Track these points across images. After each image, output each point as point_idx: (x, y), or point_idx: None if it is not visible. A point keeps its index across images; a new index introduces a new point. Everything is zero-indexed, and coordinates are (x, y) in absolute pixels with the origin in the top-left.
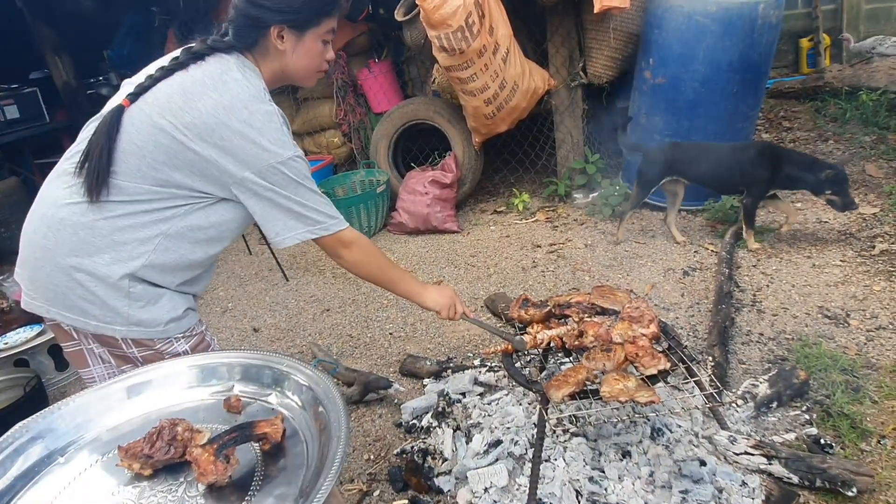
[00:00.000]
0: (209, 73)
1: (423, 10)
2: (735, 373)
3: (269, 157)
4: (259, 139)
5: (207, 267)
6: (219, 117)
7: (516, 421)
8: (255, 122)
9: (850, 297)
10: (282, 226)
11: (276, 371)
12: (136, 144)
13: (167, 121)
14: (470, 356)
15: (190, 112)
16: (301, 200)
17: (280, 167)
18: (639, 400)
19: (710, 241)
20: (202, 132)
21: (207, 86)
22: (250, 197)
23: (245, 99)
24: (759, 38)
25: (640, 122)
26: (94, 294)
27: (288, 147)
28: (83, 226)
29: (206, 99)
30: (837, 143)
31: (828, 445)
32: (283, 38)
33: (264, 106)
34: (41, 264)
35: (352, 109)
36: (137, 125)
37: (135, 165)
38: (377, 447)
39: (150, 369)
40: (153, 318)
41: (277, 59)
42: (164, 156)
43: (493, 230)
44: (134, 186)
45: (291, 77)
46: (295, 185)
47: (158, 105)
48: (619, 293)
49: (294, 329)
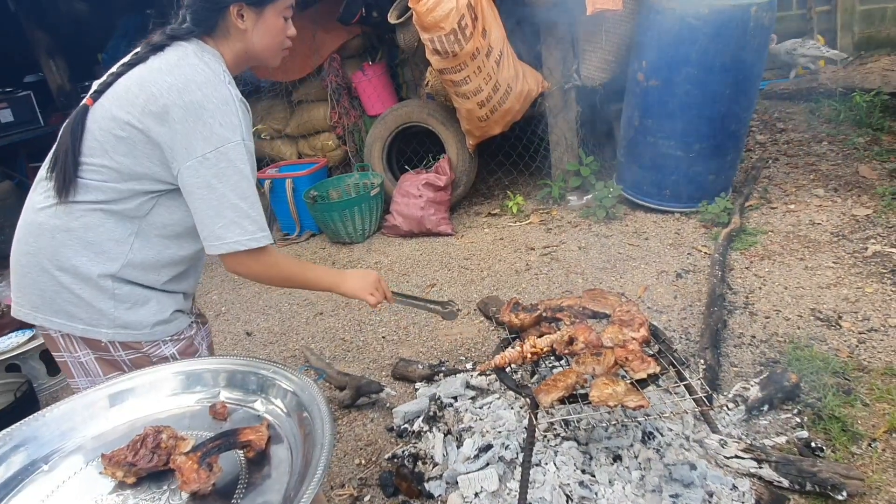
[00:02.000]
0: (166, 61)
1: (416, 13)
2: (727, 375)
3: (217, 139)
4: (210, 120)
5: (192, 263)
6: (171, 98)
7: (508, 425)
8: (208, 103)
9: (842, 300)
10: (209, 231)
11: (262, 377)
12: (98, 140)
13: (124, 111)
14: (462, 360)
15: (144, 97)
16: (237, 200)
17: (228, 152)
18: (628, 404)
19: (704, 243)
20: (156, 115)
21: (163, 71)
22: (188, 192)
23: (199, 81)
24: (752, 40)
25: (633, 124)
26: (80, 297)
27: (238, 132)
28: (59, 228)
29: (159, 83)
30: (831, 145)
31: (818, 449)
32: (244, 17)
33: (220, 88)
34: (27, 270)
35: (346, 112)
36: (99, 121)
37: (98, 162)
38: (368, 452)
39: (134, 376)
40: (139, 320)
41: (239, 39)
42: (123, 147)
43: (486, 233)
44: (98, 184)
45: (256, 56)
46: (239, 177)
47: (117, 98)
48: (610, 297)
49: (287, 333)
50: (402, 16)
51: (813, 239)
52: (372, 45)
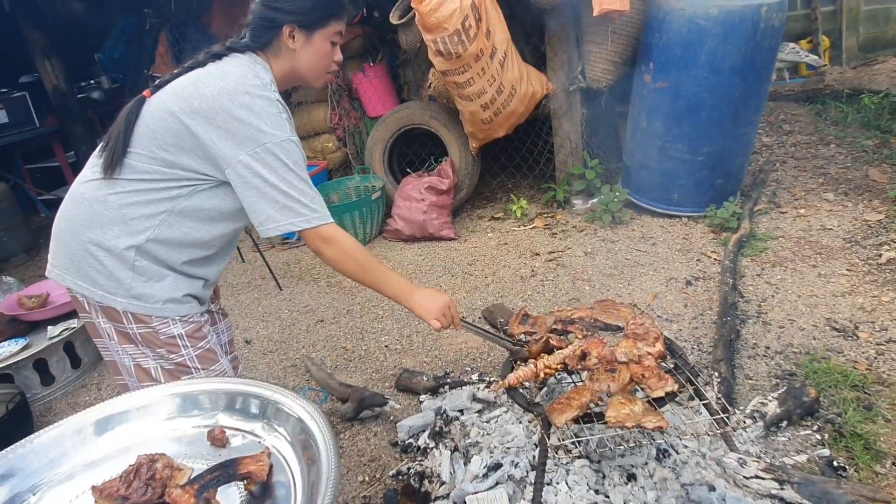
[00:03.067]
0: (220, 68)
1: (419, 13)
2: (742, 388)
3: (265, 137)
4: (257, 122)
5: (215, 250)
6: (221, 101)
7: (517, 441)
8: (255, 105)
9: (857, 309)
10: (265, 215)
11: (263, 400)
12: (150, 128)
13: (178, 107)
14: (468, 370)
15: (198, 98)
16: (287, 189)
17: (274, 149)
18: (646, 426)
19: (713, 249)
20: (206, 115)
21: (216, 76)
22: (241, 182)
23: (248, 85)
24: (762, 41)
25: (640, 127)
26: (103, 264)
27: (285, 130)
28: (97, 199)
29: (212, 86)
30: (839, 147)
31: (841, 468)
32: (294, 38)
33: (266, 93)
34: (63, 234)
35: (346, 114)
36: (153, 111)
37: (147, 147)
38: (372, 468)
39: (126, 399)
40: (153, 293)
41: (288, 58)
42: (172, 138)
43: (490, 237)
44: (144, 166)
45: (301, 75)
46: (286, 170)
47: (173, 94)
48: (622, 308)
49: (287, 341)
50: (405, 16)
51: (825, 245)
52: (373, 46)
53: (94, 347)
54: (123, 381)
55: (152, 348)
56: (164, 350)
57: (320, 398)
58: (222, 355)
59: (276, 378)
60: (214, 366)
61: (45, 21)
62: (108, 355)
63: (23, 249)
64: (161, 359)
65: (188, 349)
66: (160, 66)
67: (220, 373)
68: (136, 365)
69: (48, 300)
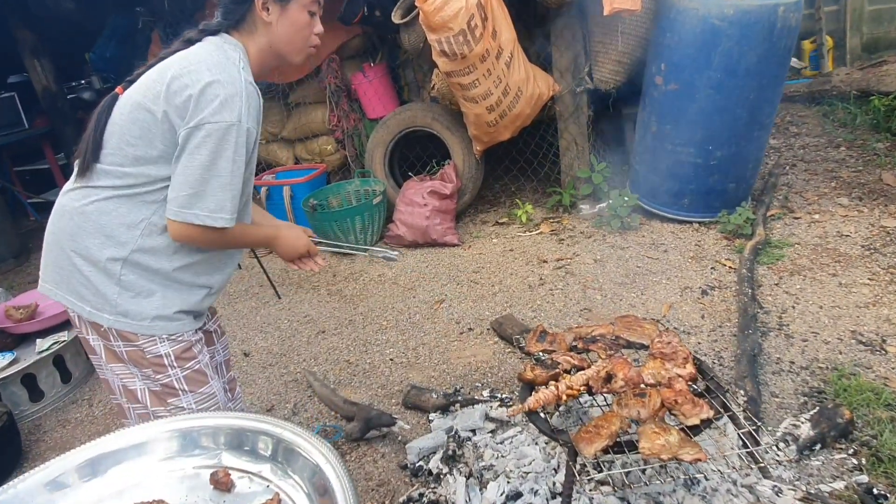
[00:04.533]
0: (188, 51)
1: (423, 12)
2: (769, 407)
3: (214, 116)
4: (212, 99)
5: (206, 256)
6: (182, 79)
7: (534, 465)
8: (214, 82)
9: (883, 321)
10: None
11: (270, 437)
12: (118, 124)
13: (142, 95)
14: (478, 386)
15: (160, 82)
16: (210, 177)
17: (217, 130)
18: (683, 458)
19: (727, 256)
20: (166, 95)
21: (180, 57)
22: (180, 152)
23: (210, 62)
24: (778, 42)
25: (650, 130)
26: (88, 279)
27: (234, 113)
28: (77, 211)
29: (175, 67)
30: (850, 150)
31: (882, 496)
32: (269, 10)
33: (230, 70)
34: (50, 248)
35: (345, 115)
36: (122, 107)
37: (116, 145)
38: (381, 493)
39: (119, 436)
40: (140, 310)
41: (264, 33)
42: (139, 130)
43: (495, 243)
44: (114, 169)
45: (280, 51)
46: (218, 157)
47: (140, 85)
48: (646, 324)
49: (287, 353)
50: (407, 15)
51: (843, 252)
52: (372, 46)
53: (84, 361)
54: (119, 402)
55: (139, 368)
56: (150, 370)
57: (333, 434)
58: (213, 376)
59: (276, 394)
60: (203, 388)
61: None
62: (102, 373)
63: (11, 255)
64: (147, 379)
65: (175, 369)
66: None
67: (209, 396)
68: (123, 386)
69: (37, 311)
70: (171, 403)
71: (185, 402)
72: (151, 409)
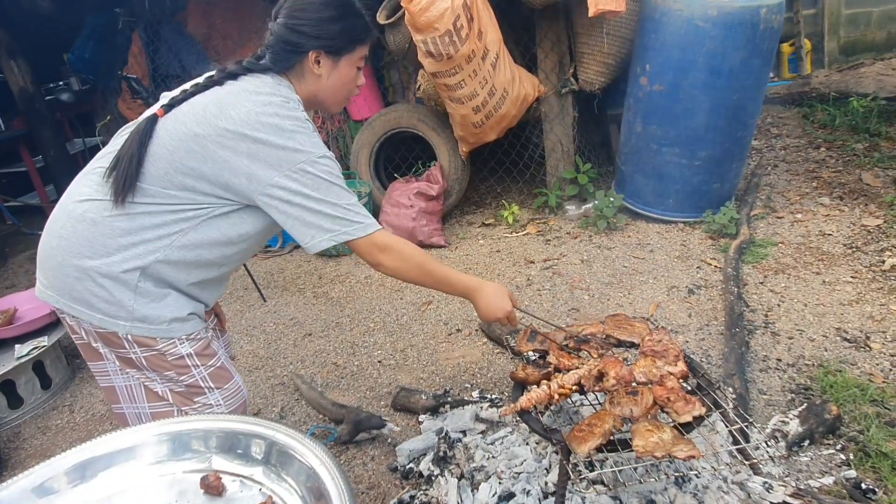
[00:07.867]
0: (244, 87)
1: (409, 12)
2: (757, 404)
3: (300, 157)
4: (289, 143)
5: (224, 272)
6: (251, 124)
7: (525, 465)
8: (286, 126)
9: (867, 318)
10: (314, 230)
11: (262, 440)
12: (167, 149)
13: (201, 128)
14: (467, 387)
15: (224, 119)
16: (334, 200)
17: (309, 167)
18: (677, 455)
19: (712, 255)
20: (234, 139)
21: (242, 97)
22: (279, 205)
23: (276, 105)
24: (761, 43)
25: (635, 130)
26: (102, 287)
27: (318, 147)
28: (102, 222)
29: (239, 108)
30: (830, 150)
31: (870, 490)
32: (320, 63)
33: (296, 113)
34: (55, 253)
35: (330, 117)
36: (171, 132)
37: (162, 169)
38: (371, 497)
39: (107, 440)
40: (157, 314)
41: (313, 83)
42: (193, 161)
43: (482, 244)
44: (157, 190)
45: (323, 101)
46: (327, 186)
47: (194, 114)
48: (636, 323)
49: (273, 357)
50: (392, 16)
51: (826, 251)
52: None
53: (64, 367)
54: (122, 410)
55: (159, 372)
56: (172, 373)
57: (327, 435)
58: (235, 372)
59: (263, 397)
60: (229, 384)
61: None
62: (105, 381)
63: None
64: (170, 381)
65: (199, 368)
66: (133, 66)
67: (235, 391)
68: (145, 387)
69: (15, 316)
70: (199, 401)
71: (213, 399)
72: (180, 409)
